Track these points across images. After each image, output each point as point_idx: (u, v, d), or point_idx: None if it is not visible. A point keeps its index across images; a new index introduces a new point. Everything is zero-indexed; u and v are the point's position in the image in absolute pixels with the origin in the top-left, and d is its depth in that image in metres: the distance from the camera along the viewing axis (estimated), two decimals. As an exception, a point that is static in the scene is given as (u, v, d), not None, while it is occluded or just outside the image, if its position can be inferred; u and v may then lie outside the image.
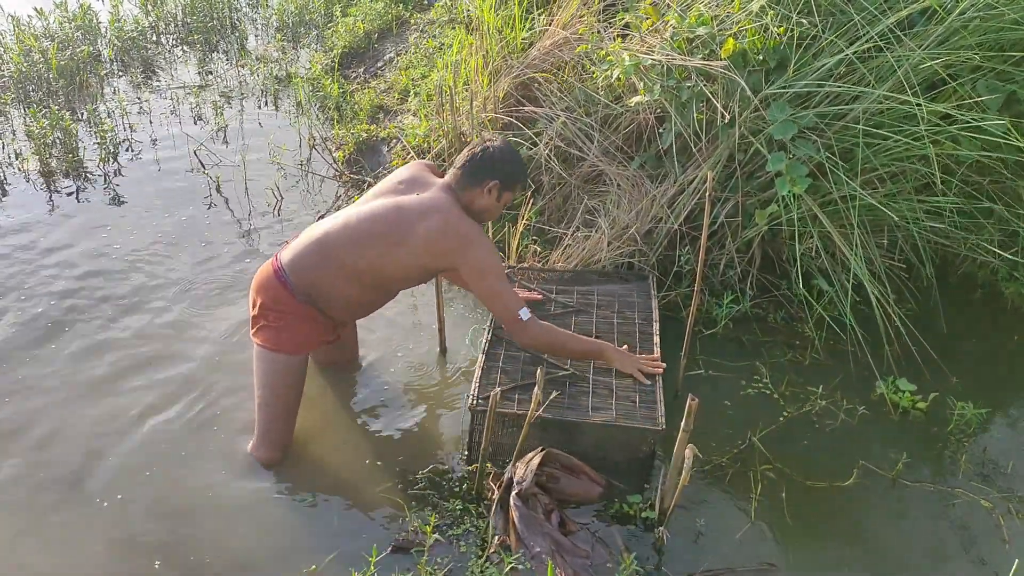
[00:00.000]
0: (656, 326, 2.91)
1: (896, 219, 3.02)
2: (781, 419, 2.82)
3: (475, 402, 2.52)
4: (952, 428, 2.79)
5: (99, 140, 4.67)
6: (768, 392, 2.95)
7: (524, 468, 2.35)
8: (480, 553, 2.26)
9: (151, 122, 5.10)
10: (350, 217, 2.50)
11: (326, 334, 2.66)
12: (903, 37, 2.89)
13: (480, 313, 3.35)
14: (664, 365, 2.66)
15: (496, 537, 2.26)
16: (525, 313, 2.50)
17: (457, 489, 2.51)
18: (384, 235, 2.44)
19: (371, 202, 2.54)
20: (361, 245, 2.45)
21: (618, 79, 3.37)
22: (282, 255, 2.53)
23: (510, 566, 2.14)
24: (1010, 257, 3.11)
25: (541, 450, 2.43)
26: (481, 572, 2.19)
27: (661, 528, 2.30)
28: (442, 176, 2.64)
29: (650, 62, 3.18)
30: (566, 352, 2.63)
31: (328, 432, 2.79)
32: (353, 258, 2.46)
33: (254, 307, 2.56)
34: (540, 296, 3.05)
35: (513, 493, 2.29)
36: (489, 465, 2.49)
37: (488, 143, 2.55)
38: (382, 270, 2.48)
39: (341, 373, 3.03)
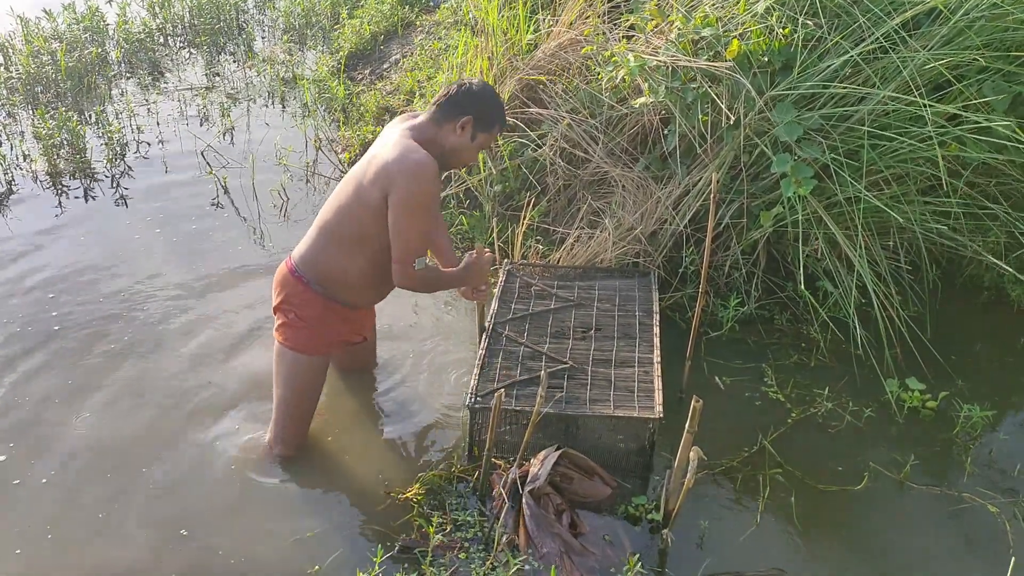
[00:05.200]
0: (656, 318, 2.92)
1: (901, 221, 3.01)
2: (788, 421, 2.82)
3: (473, 400, 2.52)
4: (958, 431, 2.78)
5: (106, 141, 4.69)
6: (774, 394, 2.94)
7: (539, 466, 2.35)
8: (485, 554, 2.26)
9: (158, 123, 5.12)
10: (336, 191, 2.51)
11: (351, 333, 2.69)
12: (908, 38, 2.88)
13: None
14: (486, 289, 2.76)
15: (504, 536, 2.26)
16: (420, 263, 2.43)
17: (462, 488, 2.51)
18: (352, 180, 2.43)
19: None
20: (341, 205, 2.45)
21: (623, 80, 3.37)
22: (293, 252, 2.56)
23: (516, 567, 2.14)
24: (1010, 270, 3.09)
25: (557, 449, 2.43)
26: (487, 574, 2.19)
27: (666, 531, 2.30)
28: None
29: (655, 63, 3.18)
30: (438, 288, 2.70)
31: (334, 432, 2.79)
32: (337, 223, 2.46)
33: (276, 303, 2.56)
34: None
35: (525, 491, 2.29)
36: (496, 460, 2.49)
37: (467, 81, 2.47)
38: (360, 220, 2.42)
39: (353, 375, 3.03)
